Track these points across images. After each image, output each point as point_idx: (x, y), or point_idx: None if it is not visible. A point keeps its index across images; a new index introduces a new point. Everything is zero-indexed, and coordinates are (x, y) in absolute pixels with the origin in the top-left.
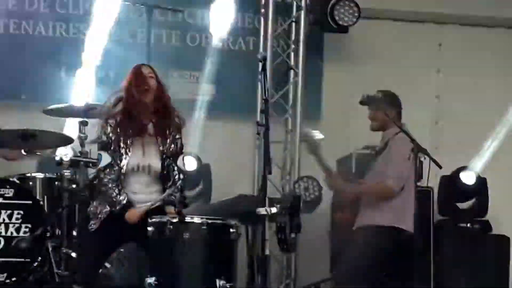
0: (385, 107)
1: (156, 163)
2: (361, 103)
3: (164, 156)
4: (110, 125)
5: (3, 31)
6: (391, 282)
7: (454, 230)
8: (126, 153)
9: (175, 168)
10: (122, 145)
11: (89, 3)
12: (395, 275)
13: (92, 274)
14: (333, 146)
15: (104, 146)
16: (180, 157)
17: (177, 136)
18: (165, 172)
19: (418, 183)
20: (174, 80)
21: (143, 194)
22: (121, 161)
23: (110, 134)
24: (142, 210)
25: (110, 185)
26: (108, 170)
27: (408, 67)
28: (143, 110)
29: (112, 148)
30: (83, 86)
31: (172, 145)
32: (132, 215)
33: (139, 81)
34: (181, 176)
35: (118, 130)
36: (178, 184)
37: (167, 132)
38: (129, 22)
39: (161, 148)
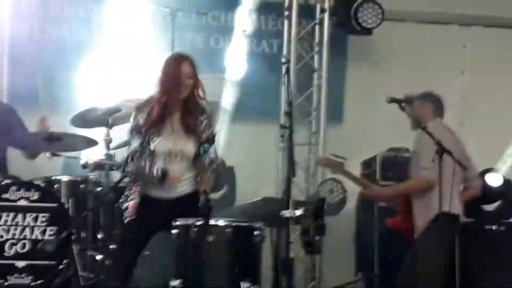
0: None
1: (188, 148)
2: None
3: (197, 142)
4: (143, 111)
5: (28, 35)
6: None
7: (480, 232)
8: (157, 139)
9: (208, 154)
10: (153, 131)
11: (113, 7)
12: None
13: (129, 270)
14: (357, 148)
15: (136, 131)
16: (213, 146)
17: (209, 124)
18: (198, 158)
19: None
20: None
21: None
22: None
23: (142, 121)
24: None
25: (142, 163)
26: (138, 153)
27: (433, 68)
28: (175, 105)
29: (143, 134)
30: (107, 89)
31: (204, 133)
32: (172, 181)
33: (176, 79)
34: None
35: (150, 119)
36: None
37: (198, 121)
38: (153, 25)
39: (193, 135)
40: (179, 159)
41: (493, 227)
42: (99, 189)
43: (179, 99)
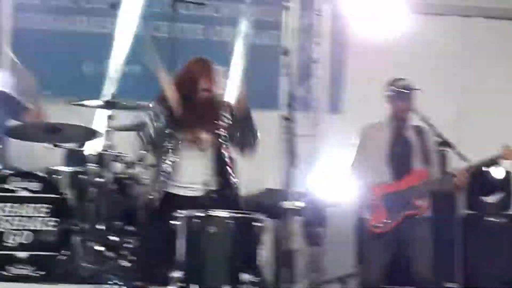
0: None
1: (209, 136)
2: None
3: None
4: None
5: (29, 26)
6: None
7: (481, 224)
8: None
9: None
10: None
11: None
12: None
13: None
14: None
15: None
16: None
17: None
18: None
19: None
20: None
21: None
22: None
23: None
24: None
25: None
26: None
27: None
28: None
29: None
30: (109, 81)
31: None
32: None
33: (193, 90)
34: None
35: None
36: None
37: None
38: (152, 16)
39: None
40: (200, 149)
41: (494, 219)
42: (100, 180)
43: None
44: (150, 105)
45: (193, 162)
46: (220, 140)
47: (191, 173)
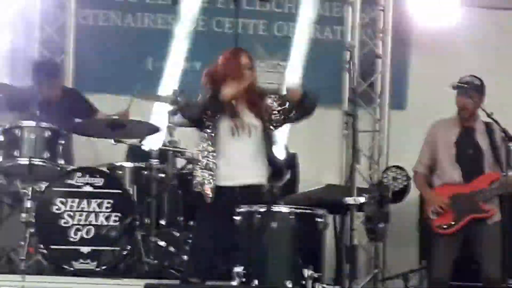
0: (479, 93)
1: (256, 121)
2: (458, 87)
3: (265, 122)
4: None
5: (92, 22)
6: None
7: None
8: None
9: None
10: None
11: None
12: None
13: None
14: (419, 135)
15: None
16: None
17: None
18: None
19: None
20: (261, 69)
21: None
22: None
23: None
24: None
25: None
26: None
27: (498, 55)
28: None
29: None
30: (171, 76)
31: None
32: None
33: (235, 72)
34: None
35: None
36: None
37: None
38: (216, 12)
39: (261, 117)
40: (247, 134)
41: None
42: (162, 175)
43: (241, 90)
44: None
45: (240, 150)
46: (267, 125)
47: (238, 161)
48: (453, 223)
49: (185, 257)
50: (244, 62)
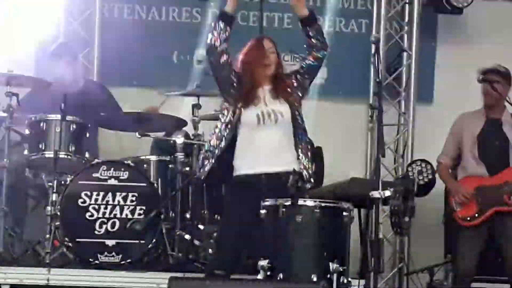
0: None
1: (283, 108)
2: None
3: (292, 107)
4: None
5: (118, 16)
6: None
7: None
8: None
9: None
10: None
11: None
12: None
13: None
14: (446, 129)
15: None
16: None
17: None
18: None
19: None
20: (286, 63)
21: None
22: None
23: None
24: None
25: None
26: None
27: None
28: (263, 81)
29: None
30: (195, 70)
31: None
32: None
33: (260, 56)
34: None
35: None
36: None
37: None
38: (241, 5)
39: (287, 101)
40: (273, 121)
41: None
42: (187, 169)
43: (266, 75)
44: None
45: (266, 137)
46: (294, 111)
47: (265, 149)
48: (476, 215)
49: (210, 250)
50: (268, 46)
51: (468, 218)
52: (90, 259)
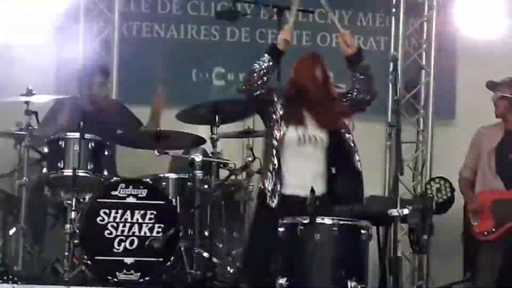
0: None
1: (323, 135)
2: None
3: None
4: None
5: (136, 34)
6: None
7: None
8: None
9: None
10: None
11: (221, 5)
12: None
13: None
14: (466, 146)
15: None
16: None
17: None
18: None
19: None
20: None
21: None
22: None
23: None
24: None
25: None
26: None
27: None
28: (306, 101)
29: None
30: (213, 87)
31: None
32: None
33: (308, 82)
34: None
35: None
36: None
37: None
38: (259, 23)
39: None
40: (312, 146)
41: None
42: (206, 186)
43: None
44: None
45: (303, 160)
46: (340, 138)
47: (302, 174)
48: (494, 229)
49: (229, 268)
50: (318, 74)
51: (486, 233)
52: (108, 277)
